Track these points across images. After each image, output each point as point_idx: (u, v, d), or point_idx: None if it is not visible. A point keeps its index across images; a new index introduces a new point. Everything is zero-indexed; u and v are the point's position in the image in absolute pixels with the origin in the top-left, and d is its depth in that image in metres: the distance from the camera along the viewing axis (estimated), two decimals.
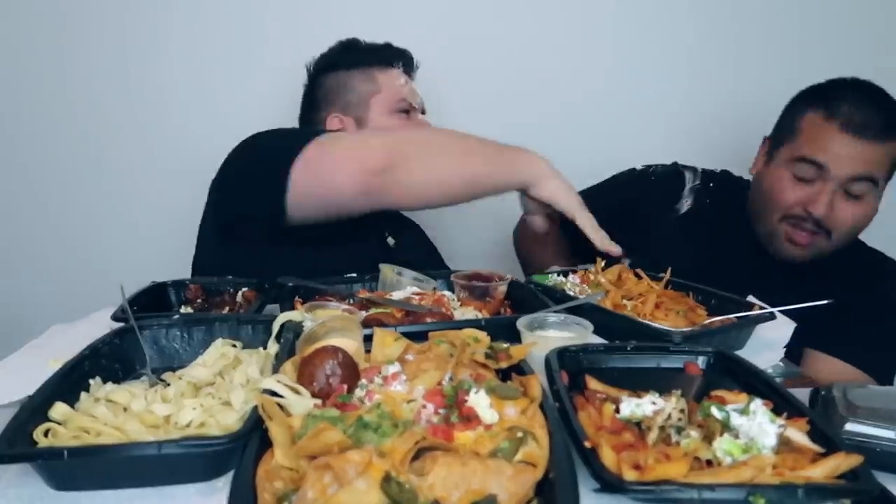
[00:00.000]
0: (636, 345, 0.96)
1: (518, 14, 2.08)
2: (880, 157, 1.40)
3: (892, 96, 1.44)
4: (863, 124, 1.39)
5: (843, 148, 1.39)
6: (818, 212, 1.42)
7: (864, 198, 1.42)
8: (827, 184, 1.41)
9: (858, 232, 1.49)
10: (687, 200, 1.67)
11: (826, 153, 1.41)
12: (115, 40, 2.02)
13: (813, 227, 1.45)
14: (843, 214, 1.43)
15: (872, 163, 1.40)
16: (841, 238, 1.46)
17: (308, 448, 0.65)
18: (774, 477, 0.65)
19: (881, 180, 1.43)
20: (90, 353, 0.91)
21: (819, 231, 1.45)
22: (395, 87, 1.60)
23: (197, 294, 1.30)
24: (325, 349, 0.83)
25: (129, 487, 0.70)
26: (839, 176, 1.40)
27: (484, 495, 0.61)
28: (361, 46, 1.63)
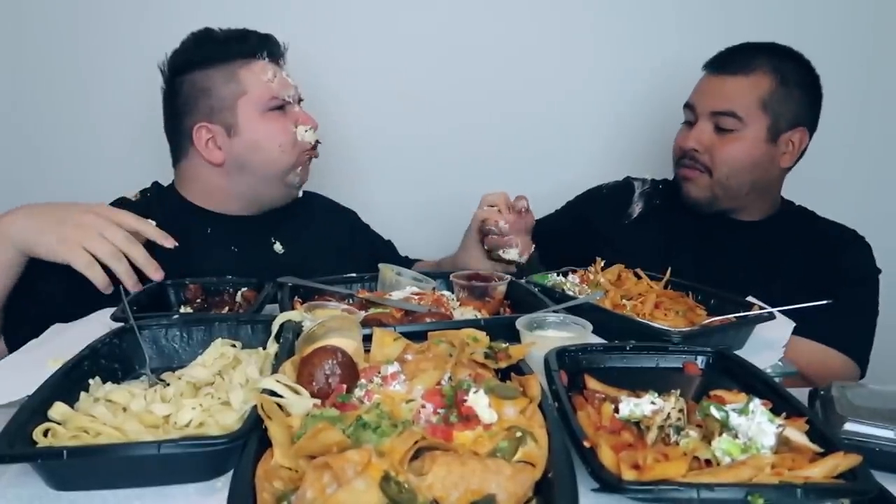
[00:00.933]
0: (635, 344, 0.96)
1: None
2: (739, 90, 1.50)
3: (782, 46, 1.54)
4: (721, 61, 1.56)
5: (706, 85, 1.57)
6: (687, 144, 1.55)
7: (736, 134, 1.50)
8: (698, 120, 1.55)
9: (745, 173, 1.53)
10: (637, 205, 1.74)
11: (695, 93, 1.59)
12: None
13: (692, 164, 1.56)
14: (717, 150, 1.52)
15: (732, 97, 1.51)
16: (724, 176, 1.53)
17: (307, 448, 0.65)
18: (773, 477, 0.65)
19: (750, 118, 1.49)
20: (90, 353, 0.91)
21: (701, 169, 1.55)
22: (261, 84, 1.42)
23: (196, 294, 1.30)
24: (324, 349, 0.84)
25: (129, 487, 0.70)
26: (703, 111, 1.54)
27: (483, 495, 0.61)
28: (217, 37, 1.43)
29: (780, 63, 1.51)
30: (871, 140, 2.14)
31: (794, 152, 1.55)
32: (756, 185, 1.56)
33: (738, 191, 1.55)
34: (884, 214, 2.07)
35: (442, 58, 2.05)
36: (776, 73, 1.50)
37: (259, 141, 1.43)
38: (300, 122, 1.47)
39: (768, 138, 1.51)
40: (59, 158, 2.07)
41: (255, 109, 1.42)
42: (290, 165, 1.47)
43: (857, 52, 2.05)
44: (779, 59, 1.52)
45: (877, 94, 2.10)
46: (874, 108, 2.11)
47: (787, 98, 1.50)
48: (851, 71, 2.03)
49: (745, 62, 1.51)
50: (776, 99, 1.50)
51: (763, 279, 1.43)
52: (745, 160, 1.52)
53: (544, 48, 2.08)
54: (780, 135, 1.52)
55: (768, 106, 1.50)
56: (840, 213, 1.66)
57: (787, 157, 1.54)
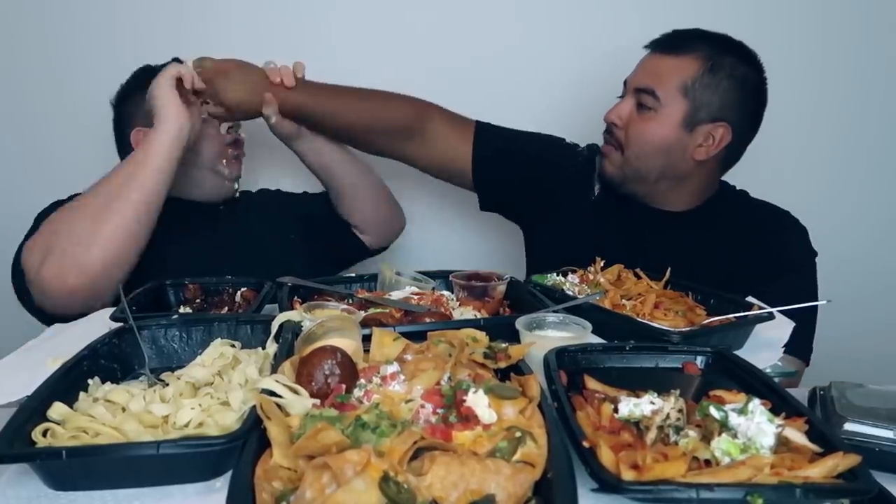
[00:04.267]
0: (635, 344, 0.96)
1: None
2: (662, 68, 1.46)
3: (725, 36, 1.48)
4: (659, 40, 1.50)
5: (642, 61, 1.52)
6: (608, 117, 1.52)
7: (652, 114, 1.46)
8: (626, 95, 1.51)
9: (653, 155, 1.48)
10: (597, 186, 1.66)
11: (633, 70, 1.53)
12: None
13: (609, 138, 1.54)
14: (631, 126, 1.49)
15: (653, 73, 1.47)
16: (633, 155, 1.49)
17: (306, 448, 0.65)
18: (772, 477, 0.65)
19: (667, 100, 1.44)
20: (89, 353, 0.91)
21: (615, 144, 1.53)
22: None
23: (196, 294, 1.30)
24: (323, 349, 0.83)
25: (128, 487, 0.70)
26: (631, 86, 1.50)
27: (482, 495, 0.61)
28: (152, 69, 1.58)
29: (718, 52, 1.44)
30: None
31: (713, 147, 1.46)
32: (666, 173, 1.50)
33: (647, 174, 1.50)
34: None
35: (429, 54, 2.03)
36: (708, 61, 1.43)
37: None
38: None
39: (683, 125, 1.45)
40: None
41: None
42: (214, 154, 1.60)
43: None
44: (718, 48, 1.45)
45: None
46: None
47: (713, 88, 1.43)
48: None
49: (684, 44, 1.46)
50: (700, 86, 1.43)
51: (690, 269, 1.35)
52: (655, 142, 1.46)
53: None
54: (699, 125, 1.45)
55: (689, 91, 1.43)
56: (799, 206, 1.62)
57: (702, 150, 1.46)
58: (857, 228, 1.91)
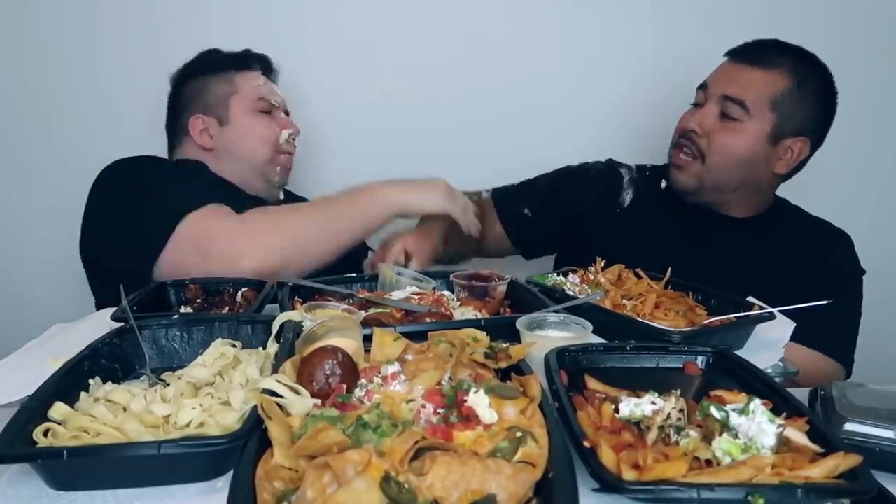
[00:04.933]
0: (635, 344, 0.96)
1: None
2: (754, 82, 1.47)
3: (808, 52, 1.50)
4: (746, 50, 1.52)
5: (723, 69, 1.54)
6: (690, 125, 1.51)
7: (739, 124, 1.47)
8: (707, 103, 1.52)
9: (736, 167, 1.50)
10: (628, 193, 1.70)
11: (711, 75, 1.55)
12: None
13: (688, 146, 1.53)
14: (716, 135, 1.49)
15: (745, 86, 1.47)
16: (715, 165, 1.50)
17: (307, 448, 0.65)
18: (773, 477, 0.65)
19: (756, 112, 1.46)
20: (90, 353, 0.91)
21: (695, 153, 1.52)
22: (252, 86, 1.67)
23: (196, 294, 1.30)
24: (324, 349, 0.83)
25: (129, 487, 0.70)
26: (715, 92, 1.51)
27: (483, 495, 0.61)
28: (220, 54, 1.70)
29: (803, 67, 1.47)
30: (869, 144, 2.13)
31: (792, 161, 1.51)
32: (745, 183, 1.52)
33: (727, 184, 1.52)
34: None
35: (437, 58, 2.05)
36: (795, 76, 1.46)
37: (245, 132, 1.64)
38: (283, 126, 1.69)
39: (769, 138, 1.48)
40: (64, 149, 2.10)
41: (244, 107, 1.65)
42: (268, 159, 1.66)
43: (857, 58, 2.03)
44: (803, 63, 1.48)
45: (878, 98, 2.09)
46: (874, 113, 2.10)
47: (800, 103, 1.46)
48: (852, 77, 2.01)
49: (769, 57, 1.48)
50: (788, 101, 1.46)
51: (746, 277, 1.40)
52: (741, 154, 1.48)
53: (534, 44, 2.07)
54: (782, 139, 1.48)
55: (778, 106, 1.46)
56: (837, 215, 1.65)
57: (783, 163, 1.51)
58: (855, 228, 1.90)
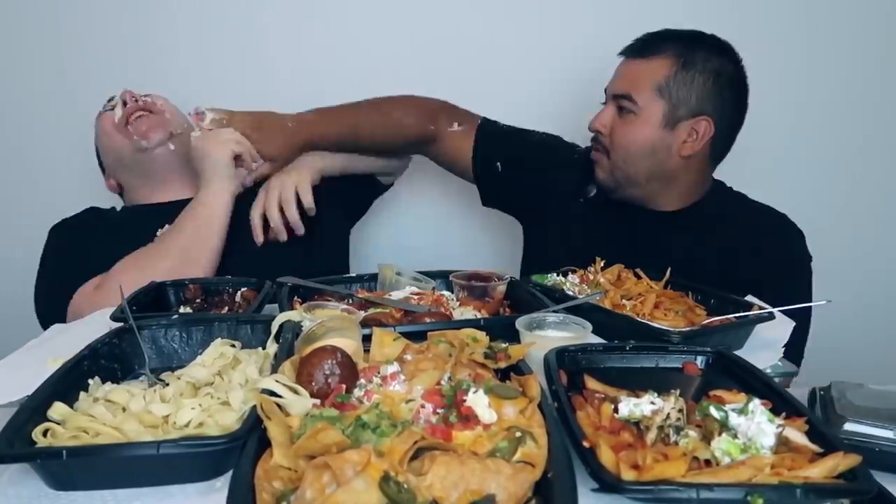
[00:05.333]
0: (635, 344, 0.96)
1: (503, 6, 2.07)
2: (638, 74, 1.48)
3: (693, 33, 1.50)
4: (631, 45, 1.52)
5: (618, 69, 1.54)
6: (591, 125, 1.55)
7: (633, 118, 1.48)
8: (607, 102, 1.54)
9: (640, 157, 1.49)
10: (593, 187, 1.67)
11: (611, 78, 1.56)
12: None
13: (597, 146, 1.56)
14: (615, 134, 1.51)
15: (631, 79, 1.49)
16: (620, 158, 1.51)
17: (306, 448, 0.65)
18: (773, 477, 0.65)
19: (645, 102, 1.46)
20: (89, 353, 0.91)
21: (601, 150, 1.55)
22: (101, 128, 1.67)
23: (196, 294, 1.30)
24: (323, 349, 0.83)
25: (128, 487, 0.70)
26: (610, 92, 1.53)
27: (482, 495, 0.61)
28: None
29: (688, 49, 1.46)
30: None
31: (698, 142, 1.47)
32: (654, 173, 1.51)
33: (636, 176, 1.52)
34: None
35: (434, 58, 2.03)
36: (678, 59, 1.45)
37: (105, 151, 1.69)
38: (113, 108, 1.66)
39: (664, 124, 1.46)
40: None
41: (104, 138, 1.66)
42: (122, 141, 1.61)
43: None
44: (688, 44, 1.47)
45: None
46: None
47: (689, 85, 1.44)
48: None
49: (652, 47, 1.48)
50: (674, 84, 1.45)
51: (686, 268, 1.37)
52: (640, 145, 1.48)
53: (534, 44, 2.05)
54: (679, 122, 1.46)
55: (665, 91, 1.45)
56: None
57: (688, 145, 1.48)
58: (856, 227, 1.91)
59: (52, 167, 2.10)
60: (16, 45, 2.00)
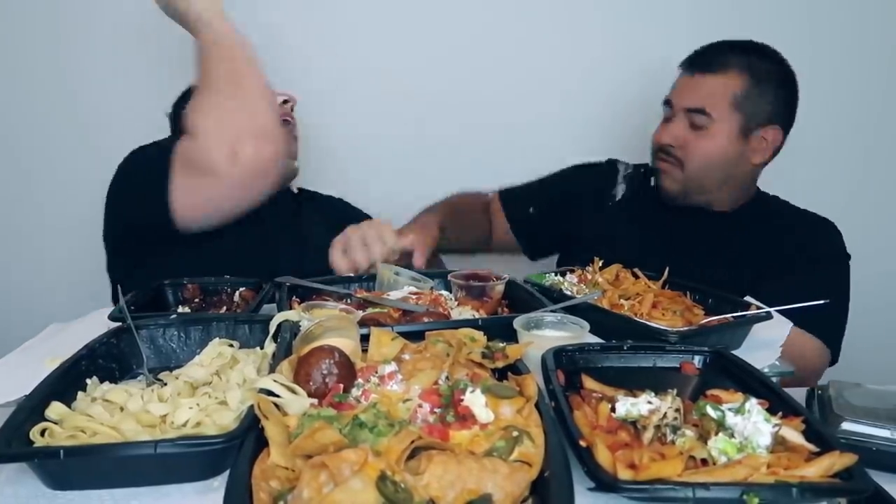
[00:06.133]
0: (632, 344, 0.97)
1: (511, 10, 2.08)
2: (712, 89, 1.53)
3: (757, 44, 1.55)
4: (695, 60, 1.58)
5: (682, 83, 1.60)
6: (663, 140, 1.58)
7: (707, 131, 1.52)
8: (675, 117, 1.58)
9: (716, 169, 1.55)
10: (621, 186, 1.77)
11: (672, 90, 1.62)
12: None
13: (667, 158, 1.59)
14: (689, 145, 1.55)
15: (704, 95, 1.53)
16: (695, 170, 1.56)
17: (304, 447, 0.65)
18: (769, 476, 0.65)
19: (720, 116, 1.51)
20: (87, 353, 0.91)
21: (673, 162, 1.58)
22: None
23: (194, 294, 1.30)
24: (321, 349, 0.84)
25: (126, 487, 0.70)
26: (678, 107, 1.57)
27: (479, 494, 0.61)
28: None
29: (754, 61, 1.52)
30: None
31: (767, 149, 1.56)
32: (727, 181, 1.58)
33: (710, 186, 1.58)
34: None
35: (435, 57, 2.05)
36: (749, 72, 1.51)
37: None
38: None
39: (739, 136, 1.53)
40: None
41: None
42: None
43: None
44: (752, 57, 1.53)
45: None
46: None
47: (760, 97, 1.52)
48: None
49: (719, 61, 1.53)
50: (748, 98, 1.51)
51: (733, 266, 1.46)
52: (716, 156, 1.54)
53: (534, 45, 2.07)
54: (752, 132, 1.53)
55: (740, 104, 1.51)
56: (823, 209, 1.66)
57: (758, 154, 1.56)
58: (855, 228, 1.90)
59: (51, 167, 2.10)
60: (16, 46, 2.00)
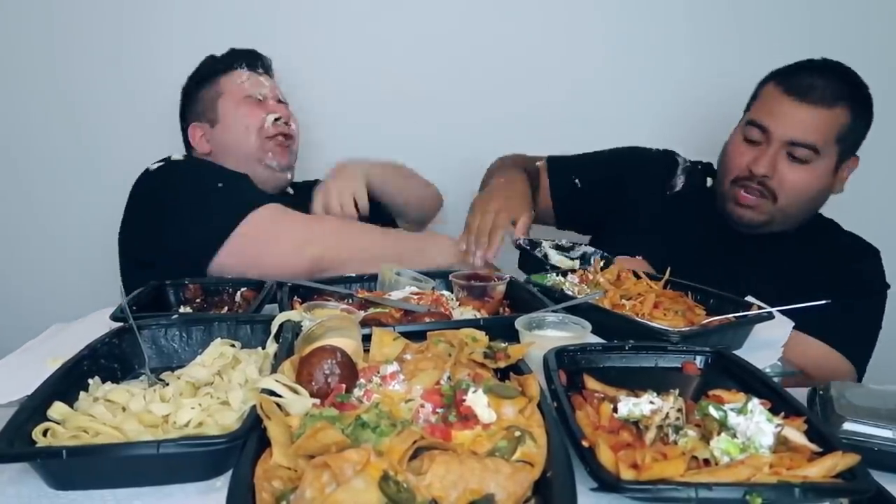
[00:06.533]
0: (634, 344, 0.96)
1: (505, 6, 2.08)
2: (821, 123, 1.44)
3: (853, 72, 1.48)
4: (806, 88, 1.45)
5: (786, 110, 1.46)
6: (759, 170, 1.48)
7: (809, 165, 1.46)
8: (771, 145, 1.47)
9: (807, 202, 1.51)
10: (680, 178, 1.71)
11: (771, 116, 1.48)
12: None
13: (758, 188, 1.50)
14: (787, 178, 1.47)
15: (813, 128, 1.44)
16: (788, 204, 1.49)
17: (306, 447, 0.65)
18: (771, 476, 0.65)
19: (825, 151, 1.45)
20: (89, 353, 0.91)
21: (765, 193, 1.50)
22: (236, 84, 1.72)
23: (196, 294, 1.30)
24: (323, 349, 0.84)
25: (128, 487, 0.70)
26: (780, 138, 1.46)
27: (482, 494, 0.61)
28: (212, 60, 1.76)
29: (857, 96, 1.47)
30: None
31: (847, 179, 1.54)
32: (812, 211, 1.56)
33: (797, 217, 1.54)
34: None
35: (440, 57, 2.06)
36: (853, 108, 1.46)
37: (231, 124, 1.70)
38: (270, 111, 1.72)
39: (835, 169, 1.50)
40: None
41: (230, 104, 1.70)
42: (258, 146, 1.69)
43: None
44: (855, 89, 1.48)
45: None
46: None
47: (858, 131, 1.48)
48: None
49: (828, 93, 1.44)
50: (850, 132, 1.47)
51: (776, 284, 1.40)
52: (812, 190, 1.49)
53: (547, 45, 2.08)
54: (843, 164, 1.50)
55: (842, 139, 1.46)
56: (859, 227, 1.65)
57: (840, 184, 1.54)
58: (855, 227, 1.90)
59: (50, 166, 2.10)
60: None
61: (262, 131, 1.69)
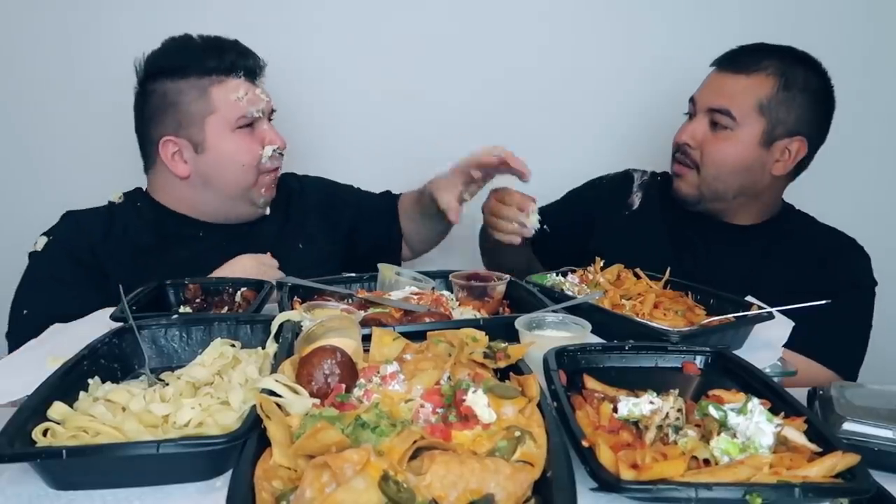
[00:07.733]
0: (634, 344, 0.97)
1: (505, 6, 2.08)
2: (739, 89, 1.46)
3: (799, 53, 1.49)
4: (729, 58, 1.51)
5: (710, 81, 1.53)
6: (681, 138, 1.53)
7: (729, 134, 1.47)
8: (696, 116, 1.52)
9: (731, 174, 1.49)
10: (637, 195, 1.71)
11: (699, 88, 1.55)
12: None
13: (683, 159, 1.54)
14: (708, 149, 1.49)
15: (728, 94, 1.47)
16: (711, 175, 1.50)
17: (306, 447, 0.65)
18: (771, 476, 0.66)
19: (745, 120, 1.45)
20: (89, 353, 0.91)
21: (689, 164, 1.53)
22: (231, 103, 1.43)
23: (196, 294, 1.30)
24: (323, 349, 0.84)
25: (128, 487, 0.70)
26: (701, 106, 1.51)
27: (481, 494, 0.61)
28: (194, 47, 1.44)
29: (789, 67, 1.45)
30: (873, 145, 2.12)
31: (790, 161, 1.49)
32: (744, 190, 1.51)
33: (724, 193, 1.51)
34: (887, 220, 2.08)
35: (434, 55, 2.05)
36: (781, 77, 1.44)
37: (223, 159, 1.45)
38: (268, 141, 1.48)
39: (762, 142, 1.46)
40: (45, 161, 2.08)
41: (223, 127, 1.44)
42: (251, 185, 1.49)
43: (857, 53, 2.03)
44: (788, 62, 1.46)
45: (879, 96, 2.09)
46: (876, 112, 2.09)
47: (789, 104, 1.45)
48: (853, 73, 2.02)
49: (752, 62, 1.46)
50: (776, 103, 1.44)
51: (752, 283, 1.38)
52: (734, 161, 1.47)
53: (536, 42, 2.07)
54: (776, 141, 1.46)
55: (766, 109, 1.44)
56: (841, 220, 1.63)
57: (780, 165, 1.49)
58: (855, 226, 1.90)
59: (49, 167, 2.10)
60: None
61: (258, 168, 1.48)
